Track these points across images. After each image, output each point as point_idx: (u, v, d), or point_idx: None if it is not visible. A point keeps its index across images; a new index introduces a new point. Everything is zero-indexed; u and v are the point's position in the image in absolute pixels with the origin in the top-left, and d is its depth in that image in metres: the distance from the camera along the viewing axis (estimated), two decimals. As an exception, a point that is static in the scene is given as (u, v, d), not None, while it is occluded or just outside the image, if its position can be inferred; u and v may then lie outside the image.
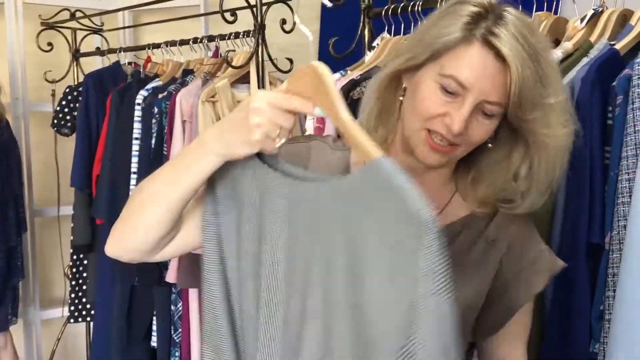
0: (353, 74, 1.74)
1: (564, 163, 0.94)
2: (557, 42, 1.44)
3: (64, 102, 2.74)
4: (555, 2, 1.49)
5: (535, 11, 1.52)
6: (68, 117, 2.74)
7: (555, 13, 1.50)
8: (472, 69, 0.87)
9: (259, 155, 0.88)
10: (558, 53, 1.31)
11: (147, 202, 0.93)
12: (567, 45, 1.33)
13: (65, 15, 2.89)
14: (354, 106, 1.62)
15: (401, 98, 0.97)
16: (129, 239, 0.96)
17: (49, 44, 2.88)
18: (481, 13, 0.88)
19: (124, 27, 3.15)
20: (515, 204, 0.96)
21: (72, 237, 2.70)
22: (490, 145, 0.95)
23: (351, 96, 1.64)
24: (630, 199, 1.13)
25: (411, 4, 1.72)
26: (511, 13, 0.88)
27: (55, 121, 2.75)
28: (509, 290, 1.00)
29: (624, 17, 1.35)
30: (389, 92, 0.98)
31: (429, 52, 0.90)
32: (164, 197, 0.91)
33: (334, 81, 0.83)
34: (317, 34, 3.07)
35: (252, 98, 0.83)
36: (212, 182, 0.93)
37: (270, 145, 0.84)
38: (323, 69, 0.82)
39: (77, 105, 2.70)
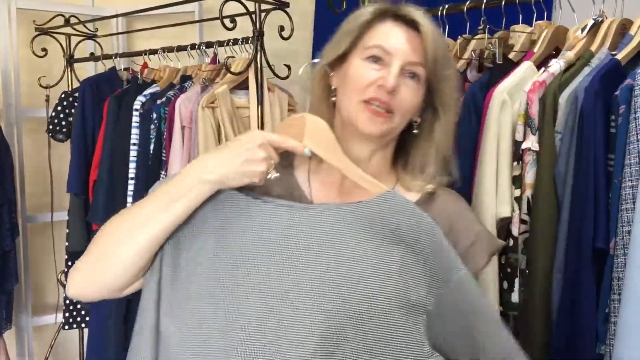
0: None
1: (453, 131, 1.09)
2: (557, 51, 1.47)
3: (59, 108, 2.73)
4: (546, 13, 1.52)
5: (523, 21, 1.56)
6: (63, 123, 2.73)
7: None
8: (391, 36, 1.01)
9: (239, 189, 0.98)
10: (560, 63, 1.34)
11: (132, 233, 0.95)
12: (569, 55, 1.36)
13: (60, 21, 2.88)
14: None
15: (333, 99, 1.07)
16: (105, 275, 0.96)
17: (43, 49, 2.87)
18: (387, 6, 1.04)
19: (118, 33, 3.15)
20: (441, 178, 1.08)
21: (67, 243, 2.69)
22: (416, 130, 1.07)
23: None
24: (634, 205, 1.16)
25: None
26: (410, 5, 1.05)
27: (51, 127, 2.74)
28: None
29: (624, 27, 1.38)
30: (320, 90, 1.09)
31: (349, 38, 1.04)
32: (152, 225, 0.94)
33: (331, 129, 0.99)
34: (310, 41, 3.10)
35: (253, 134, 0.96)
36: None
37: (264, 178, 0.96)
38: (321, 120, 0.99)
39: (73, 110, 2.69)
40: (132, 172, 2.27)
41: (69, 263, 2.75)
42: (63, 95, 2.77)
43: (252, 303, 0.91)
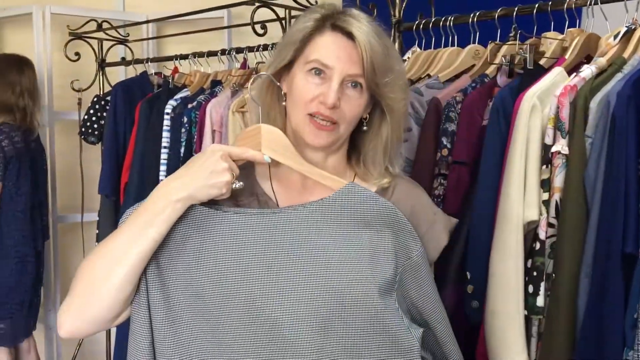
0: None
1: (405, 126, 1.16)
2: (588, 59, 1.48)
3: (91, 111, 2.79)
4: (578, 20, 1.53)
5: (554, 29, 1.57)
6: (95, 126, 2.79)
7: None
8: (330, 49, 1.04)
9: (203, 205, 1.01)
10: (592, 68, 1.35)
11: (112, 263, 0.96)
12: (601, 61, 1.37)
13: (92, 26, 2.95)
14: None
15: (284, 103, 1.10)
16: (94, 309, 0.97)
17: (76, 53, 2.94)
18: (328, 14, 1.06)
19: (149, 38, 3.21)
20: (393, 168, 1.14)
21: (96, 243, 2.74)
22: (365, 127, 1.12)
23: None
24: (664, 210, 1.16)
25: (443, 19, 1.77)
26: (353, 9, 1.08)
27: (83, 129, 2.80)
28: None
29: (656, 35, 1.39)
30: (270, 97, 1.12)
31: (292, 49, 1.07)
32: (131, 253, 0.96)
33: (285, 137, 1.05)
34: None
35: (212, 148, 1.00)
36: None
37: (230, 188, 1.00)
38: (275, 129, 1.04)
39: (105, 114, 2.75)
40: (162, 175, 2.32)
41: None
42: (95, 99, 2.83)
43: (242, 313, 0.97)
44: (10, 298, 2.50)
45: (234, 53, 2.40)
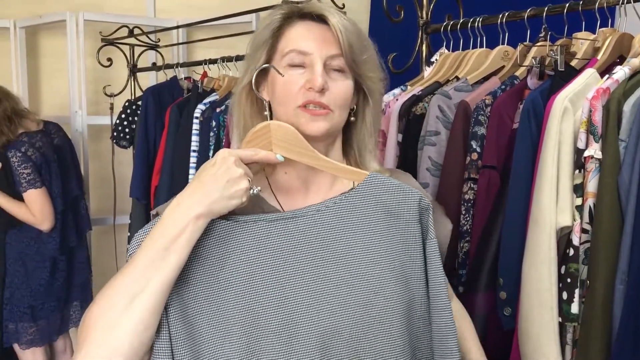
0: (414, 89, 1.76)
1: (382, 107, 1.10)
2: (622, 59, 1.45)
3: (123, 116, 2.84)
4: (610, 20, 1.49)
5: (586, 29, 1.54)
6: (127, 130, 2.83)
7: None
8: (303, 36, 1.01)
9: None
10: (625, 70, 1.32)
11: (133, 298, 0.84)
12: (634, 62, 1.33)
13: (124, 32, 3.00)
14: (416, 121, 1.65)
15: (266, 113, 1.02)
16: (116, 353, 0.83)
17: (109, 59, 3.00)
18: (293, 7, 1.03)
19: (179, 44, 3.25)
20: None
21: (128, 246, 2.77)
22: (353, 118, 1.08)
23: (414, 111, 1.67)
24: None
25: (471, 20, 1.75)
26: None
27: (115, 134, 2.84)
28: None
29: (691, 34, 1.35)
30: (250, 108, 1.06)
31: (264, 49, 1.02)
32: (153, 284, 0.85)
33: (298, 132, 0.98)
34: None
35: (223, 155, 0.91)
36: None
37: (249, 196, 0.92)
38: (285, 124, 0.98)
39: (136, 118, 2.79)
40: (191, 178, 2.34)
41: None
42: (127, 104, 2.88)
43: (277, 323, 0.90)
44: (47, 299, 2.55)
45: (262, 57, 2.41)
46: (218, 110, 2.30)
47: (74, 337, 2.86)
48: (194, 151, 2.36)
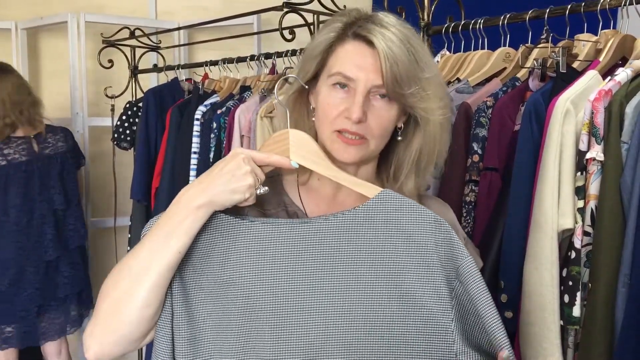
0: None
1: (443, 138, 1.05)
2: (624, 60, 1.44)
3: (124, 117, 2.83)
4: (612, 21, 1.49)
5: (588, 30, 1.53)
6: (128, 132, 2.82)
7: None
8: (352, 60, 0.99)
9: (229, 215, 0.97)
10: (628, 71, 1.31)
11: (136, 279, 0.91)
12: (637, 64, 1.33)
13: (125, 33, 3.00)
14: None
15: (313, 119, 1.05)
16: (121, 328, 0.92)
17: (110, 60, 2.99)
18: (352, 21, 1.01)
19: (180, 45, 3.25)
20: (424, 185, 1.10)
21: (128, 248, 2.78)
22: (400, 137, 1.06)
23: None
24: None
25: (472, 21, 1.74)
26: (381, 13, 1.02)
27: (116, 135, 2.84)
28: None
29: (694, 35, 1.34)
30: (298, 112, 1.07)
31: (315, 62, 1.03)
32: (154, 267, 0.91)
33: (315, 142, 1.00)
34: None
35: (234, 152, 0.95)
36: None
37: (254, 193, 0.94)
38: (304, 133, 1.00)
39: (137, 120, 2.79)
40: (192, 180, 2.34)
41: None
42: (128, 105, 2.87)
43: (270, 326, 0.92)
44: (15, 305, 2.50)
45: (263, 59, 2.41)
46: (219, 112, 2.30)
47: (75, 343, 2.85)
48: (195, 153, 2.36)
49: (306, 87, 1.05)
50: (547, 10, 1.55)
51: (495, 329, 0.94)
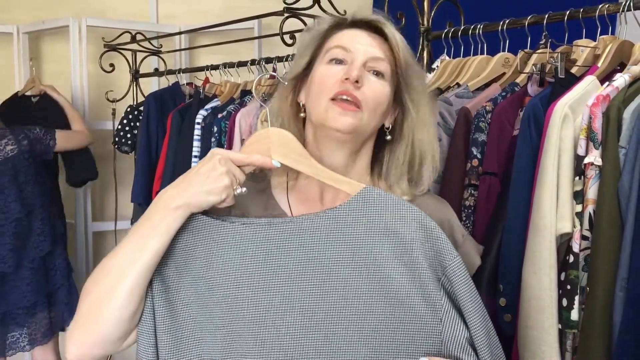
0: (414, 95, 1.76)
1: (432, 140, 1.08)
2: (622, 66, 1.45)
3: (125, 121, 2.85)
4: (610, 27, 1.50)
5: (586, 36, 1.54)
6: (129, 135, 2.84)
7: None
8: (351, 37, 1.03)
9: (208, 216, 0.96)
10: (625, 77, 1.32)
11: (115, 279, 0.92)
12: (634, 70, 1.34)
13: (126, 37, 3.01)
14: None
15: (303, 115, 1.07)
16: (100, 328, 0.92)
17: (111, 65, 3.01)
18: (344, 16, 1.06)
19: (181, 49, 3.26)
20: (420, 185, 1.09)
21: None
22: (389, 137, 1.07)
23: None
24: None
25: (472, 27, 1.75)
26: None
27: (117, 139, 2.85)
28: None
29: (692, 41, 1.35)
30: (289, 109, 1.08)
31: (311, 49, 1.05)
32: (133, 267, 0.91)
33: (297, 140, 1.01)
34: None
35: (211, 153, 0.95)
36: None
37: (231, 194, 0.94)
38: (285, 132, 1.00)
39: (138, 123, 2.80)
40: (192, 183, 2.34)
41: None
42: (129, 109, 2.88)
43: (251, 328, 0.92)
44: None
45: (264, 63, 2.42)
46: (219, 116, 2.31)
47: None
48: (195, 157, 2.37)
49: (285, 83, 1.07)
50: (546, 16, 1.57)
51: (479, 326, 0.94)
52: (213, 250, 0.95)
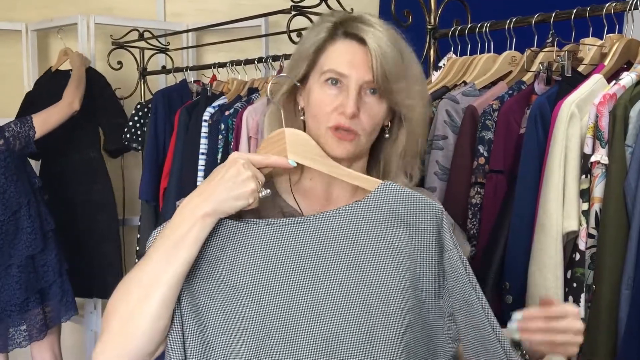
0: (421, 93, 1.77)
1: (423, 131, 1.13)
2: (629, 65, 1.45)
3: (135, 118, 2.85)
4: (617, 26, 1.50)
5: (593, 35, 1.54)
6: (139, 132, 2.84)
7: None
8: (343, 57, 1.02)
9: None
10: (632, 75, 1.32)
11: (146, 292, 0.90)
12: (641, 68, 1.34)
13: (134, 35, 3.02)
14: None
15: (302, 118, 1.08)
16: (133, 344, 0.91)
17: (119, 62, 3.02)
18: (341, 21, 1.05)
19: (188, 47, 3.27)
20: (414, 178, 1.13)
21: (137, 247, 2.80)
22: (387, 135, 1.09)
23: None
24: None
25: (479, 25, 1.76)
26: (367, 14, 1.05)
27: (128, 135, 2.85)
28: None
29: (698, 40, 1.35)
30: (287, 110, 1.08)
31: (306, 61, 1.05)
32: (164, 279, 0.90)
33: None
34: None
35: (233, 158, 0.95)
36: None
37: (257, 197, 0.95)
38: (300, 132, 1.02)
39: (147, 120, 2.81)
40: (200, 181, 2.35)
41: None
42: (138, 106, 2.89)
43: (283, 326, 0.92)
44: None
45: (271, 61, 2.43)
46: (227, 113, 2.32)
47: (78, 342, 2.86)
48: (203, 154, 2.37)
49: (298, 84, 1.07)
50: (553, 15, 1.57)
51: (480, 315, 0.96)
52: (238, 253, 0.95)
